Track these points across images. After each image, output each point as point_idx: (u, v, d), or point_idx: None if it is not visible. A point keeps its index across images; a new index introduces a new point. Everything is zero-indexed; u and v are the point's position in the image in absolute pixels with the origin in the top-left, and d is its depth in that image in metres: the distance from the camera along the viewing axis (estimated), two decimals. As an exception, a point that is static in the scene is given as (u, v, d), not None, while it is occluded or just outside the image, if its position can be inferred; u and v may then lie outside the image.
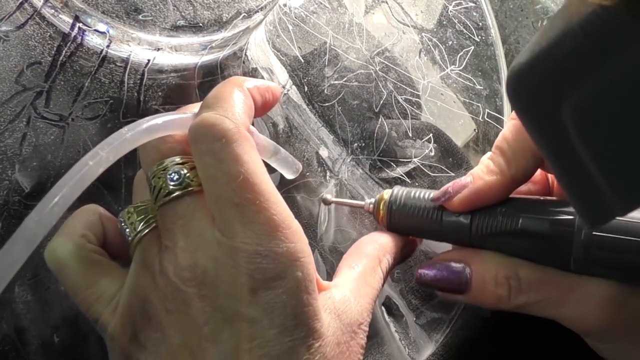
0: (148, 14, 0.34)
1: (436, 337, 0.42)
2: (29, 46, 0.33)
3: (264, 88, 0.30)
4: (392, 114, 0.43)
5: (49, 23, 0.33)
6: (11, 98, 0.32)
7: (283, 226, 0.25)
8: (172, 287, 0.25)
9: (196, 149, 0.26)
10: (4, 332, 0.31)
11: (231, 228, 0.25)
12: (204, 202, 0.26)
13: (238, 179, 0.25)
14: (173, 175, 0.26)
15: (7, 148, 0.32)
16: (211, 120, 0.25)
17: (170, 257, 0.25)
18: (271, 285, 0.24)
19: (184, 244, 0.25)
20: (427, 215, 0.33)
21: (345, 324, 0.27)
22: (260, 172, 0.25)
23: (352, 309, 0.28)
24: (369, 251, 0.32)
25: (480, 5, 0.49)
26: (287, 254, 0.25)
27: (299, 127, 0.41)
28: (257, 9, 0.37)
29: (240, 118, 0.26)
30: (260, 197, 0.25)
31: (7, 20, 0.33)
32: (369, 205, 0.35)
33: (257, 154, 0.26)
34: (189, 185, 0.26)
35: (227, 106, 0.26)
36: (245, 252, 0.24)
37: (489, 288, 0.31)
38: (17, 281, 0.32)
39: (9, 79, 0.32)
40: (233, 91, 0.28)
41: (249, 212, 0.25)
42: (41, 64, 0.33)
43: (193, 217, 0.26)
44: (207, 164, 0.25)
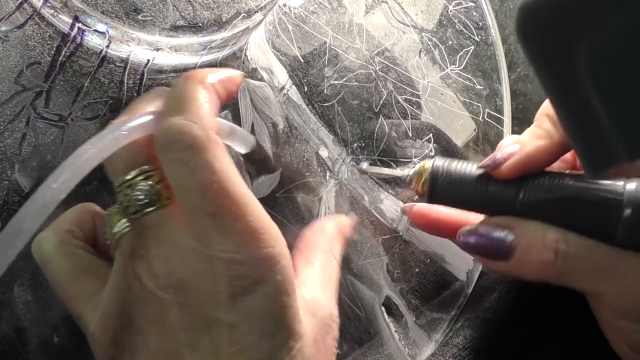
0: (147, 14, 0.34)
1: (436, 337, 0.42)
2: (29, 46, 0.33)
3: (226, 80, 0.28)
4: (392, 114, 0.43)
5: (49, 23, 0.33)
6: (11, 98, 0.32)
7: (261, 231, 0.24)
8: (148, 293, 0.25)
9: (165, 158, 0.25)
10: (3, 333, 0.31)
11: (208, 237, 0.24)
12: (176, 211, 0.25)
13: (212, 187, 0.24)
14: (140, 193, 0.25)
15: (7, 148, 0.32)
16: (178, 127, 0.24)
17: (145, 264, 0.25)
18: (251, 290, 0.24)
19: (157, 253, 0.25)
20: (471, 185, 0.32)
21: (319, 320, 0.27)
22: (234, 178, 0.25)
23: (322, 304, 0.28)
24: (321, 244, 0.31)
25: (481, 5, 0.49)
26: (266, 258, 0.24)
27: (299, 127, 0.41)
28: (257, 9, 0.37)
29: (208, 121, 0.25)
30: (236, 204, 0.24)
31: (7, 20, 0.33)
32: (409, 176, 0.34)
33: (229, 158, 0.25)
34: (159, 200, 0.25)
35: (193, 109, 0.25)
36: (224, 260, 0.24)
37: (535, 253, 0.30)
38: (17, 281, 0.32)
39: (9, 79, 0.32)
40: (197, 90, 0.26)
41: (225, 221, 0.24)
42: (41, 64, 0.33)
43: (165, 227, 0.25)
44: (178, 173, 0.24)
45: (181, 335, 0.24)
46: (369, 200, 0.42)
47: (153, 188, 0.25)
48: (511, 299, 0.44)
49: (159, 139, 0.25)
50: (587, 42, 0.20)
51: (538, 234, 0.30)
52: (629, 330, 0.31)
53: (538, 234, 0.30)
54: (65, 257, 0.27)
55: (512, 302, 0.44)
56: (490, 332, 0.42)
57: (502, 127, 0.48)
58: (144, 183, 0.25)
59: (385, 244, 0.42)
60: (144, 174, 0.26)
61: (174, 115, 0.25)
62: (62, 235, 0.27)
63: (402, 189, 0.43)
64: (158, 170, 0.26)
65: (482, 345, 0.42)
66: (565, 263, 0.30)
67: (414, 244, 0.43)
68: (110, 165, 0.27)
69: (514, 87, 0.58)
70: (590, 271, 0.30)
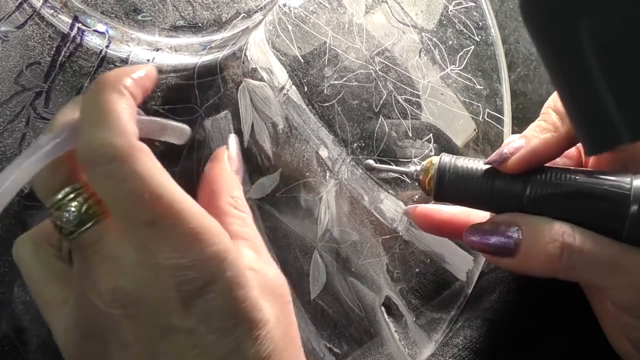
0: (147, 14, 0.34)
1: (436, 338, 0.42)
2: (28, 46, 0.33)
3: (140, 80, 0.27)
4: (392, 113, 0.43)
5: (48, 23, 0.33)
6: (10, 98, 0.32)
7: (201, 231, 0.24)
8: (98, 310, 0.24)
9: (92, 174, 0.24)
10: (3, 332, 0.31)
11: (149, 246, 0.24)
12: (111, 225, 0.25)
13: (143, 196, 0.23)
14: (70, 215, 0.25)
15: (7, 148, 0.32)
16: (98, 141, 0.23)
17: (89, 282, 0.25)
18: (202, 292, 0.24)
19: (100, 269, 0.24)
20: (478, 181, 0.32)
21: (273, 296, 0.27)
22: (165, 182, 0.24)
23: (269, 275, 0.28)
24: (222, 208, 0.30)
25: (481, 5, 0.49)
26: (212, 257, 0.24)
27: (299, 127, 0.41)
28: (257, 9, 0.37)
29: (128, 128, 0.24)
30: (171, 209, 0.24)
31: (7, 21, 0.33)
32: (415, 172, 0.34)
33: (157, 164, 0.25)
34: (92, 217, 0.25)
35: (110, 119, 0.24)
36: (168, 268, 0.24)
37: (541, 248, 0.30)
38: (17, 281, 0.32)
39: (8, 79, 0.32)
40: (112, 99, 0.25)
41: (163, 227, 0.24)
42: (40, 64, 0.33)
43: (104, 242, 0.25)
44: (107, 187, 0.24)
45: (139, 347, 0.24)
46: (369, 200, 0.42)
47: (83, 206, 0.25)
48: (511, 299, 0.44)
49: (81, 156, 0.24)
50: (590, 18, 0.20)
51: (544, 229, 0.30)
52: (633, 327, 0.31)
53: (544, 229, 0.30)
54: (40, 262, 0.27)
55: (512, 302, 0.44)
56: (490, 332, 0.42)
57: (502, 127, 0.48)
58: (73, 203, 0.25)
59: (385, 244, 0.42)
60: (74, 192, 0.25)
61: (92, 128, 0.24)
62: (39, 241, 0.27)
63: (402, 189, 0.43)
64: (87, 186, 0.25)
65: (482, 345, 0.42)
66: (571, 257, 0.30)
67: (414, 244, 0.43)
68: (36, 188, 0.26)
69: (514, 87, 0.58)
70: (596, 266, 0.30)
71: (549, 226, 0.30)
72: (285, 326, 0.27)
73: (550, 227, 0.30)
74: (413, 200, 0.43)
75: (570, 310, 0.42)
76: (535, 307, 0.42)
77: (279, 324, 0.26)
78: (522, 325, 0.42)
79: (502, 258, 0.32)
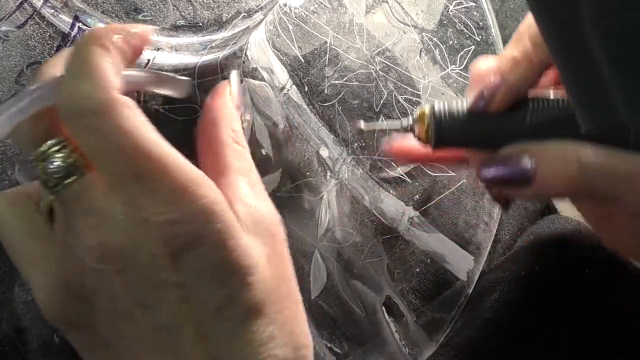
0: (148, 14, 0.34)
1: (437, 337, 0.42)
2: (29, 46, 0.33)
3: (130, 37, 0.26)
4: (392, 113, 0.43)
5: (49, 23, 0.33)
6: (11, 98, 0.32)
7: (189, 184, 0.24)
8: (83, 264, 0.24)
9: (73, 128, 0.24)
10: (4, 332, 0.31)
11: (135, 201, 0.23)
12: (97, 178, 0.24)
13: (128, 149, 0.23)
14: (55, 167, 0.24)
15: (7, 148, 0.32)
16: (80, 94, 0.23)
17: (74, 237, 0.24)
18: (192, 246, 0.24)
19: (86, 224, 0.24)
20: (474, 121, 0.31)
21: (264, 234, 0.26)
22: (150, 136, 0.24)
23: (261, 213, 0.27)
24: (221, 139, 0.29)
25: (481, 5, 0.49)
26: (201, 211, 0.24)
27: (299, 127, 0.41)
28: (257, 9, 0.37)
29: (110, 82, 0.23)
30: (157, 162, 0.23)
31: (7, 20, 0.33)
32: (409, 124, 0.33)
33: (141, 117, 0.24)
34: (77, 170, 0.24)
35: (92, 72, 0.23)
36: (158, 223, 0.23)
37: (558, 172, 0.29)
38: (17, 281, 0.32)
39: (9, 79, 0.32)
40: (94, 52, 0.24)
41: (150, 182, 0.23)
42: (41, 64, 0.33)
43: (88, 196, 0.24)
44: (90, 141, 0.23)
45: (129, 300, 0.24)
46: (369, 200, 0.42)
47: (68, 158, 0.24)
48: (511, 298, 0.44)
49: (61, 109, 0.24)
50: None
51: (557, 152, 0.30)
52: None
53: (557, 152, 0.30)
54: (19, 218, 0.26)
55: (513, 302, 0.44)
56: (491, 332, 0.42)
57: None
58: (58, 154, 0.24)
59: (385, 244, 0.42)
60: (59, 144, 0.24)
61: (73, 81, 0.24)
62: (18, 197, 0.27)
63: (403, 188, 0.43)
64: (71, 139, 0.25)
65: (482, 345, 0.42)
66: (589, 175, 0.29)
67: (415, 243, 0.43)
68: (19, 140, 0.26)
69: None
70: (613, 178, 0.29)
71: (562, 148, 0.30)
72: (277, 264, 0.26)
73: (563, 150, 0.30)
74: (414, 200, 0.43)
75: (570, 310, 0.42)
76: (536, 307, 0.42)
77: (269, 264, 0.26)
78: (523, 325, 0.42)
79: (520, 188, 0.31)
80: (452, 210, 0.44)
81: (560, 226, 0.49)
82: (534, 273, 0.45)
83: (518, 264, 0.47)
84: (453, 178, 0.44)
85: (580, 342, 0.40)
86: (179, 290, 0.24)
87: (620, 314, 0.41)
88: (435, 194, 0.44)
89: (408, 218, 0.43)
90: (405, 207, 0.43)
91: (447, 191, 0.44)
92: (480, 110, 0.31)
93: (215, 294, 0.24)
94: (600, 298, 0.42)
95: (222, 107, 0.30)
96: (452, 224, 0.44)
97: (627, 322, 0.41)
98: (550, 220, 0.52)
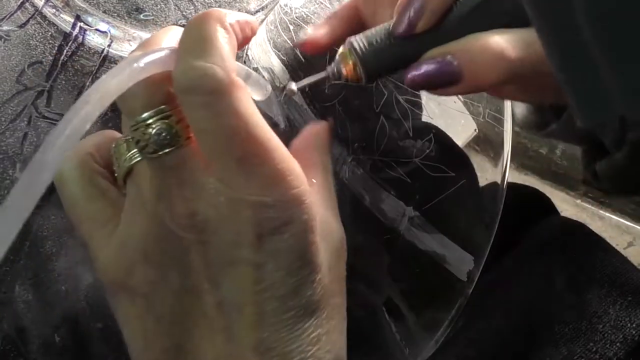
0: (149, 14, 0.34)
1: (437, 338, 0.42)
2: (30, 45, 0.33)
3: (244, 23, 0.27)
4: (392, 114, 0.43)
5: (50, 22, 0.33)
6: (12, 97, 0.32)
7: (287, 173, 0.24)
8: (169, 232, 0.24)
9: (186, 101, 0.24)
10: (4, 332, 0.31)
11: (234, 180, 0.24)
12: (196, 152, 0.25)
13: (238, 133, 0.23)
14: (156, 134, 0.24)
15: (9, 147, 0.32)
16: (201, 70, 0.23)
17: (165, 204, 0.24)
18: (279, 231, 0.24)
19: (179, 193, 0.24)
20: (396, 45, 0.31)
21: (332, 246, 0.27)
22: (259, 122, 0.24)
23: (333, 228, 0.28)
24: (316, 159, 0.30)
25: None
26: (293, 199, 0.24)
27: (300, 127, 0.41)
28: (258, 9, 0.37)
29: (230, 64, 0.24)
30: (262, 148, 0.24)
31: (9, 20, 0.33)
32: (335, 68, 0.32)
33: (252, 102, 0.25)
34: (178, 140, 0.24)
35: (214, 51, 0.24)
36: (251, 204, 0.24)
37: (484, 57, 0.29)
38: (18, 280, 0.32)
39: (10, 79, 0.32)
40: (217, 30, 0.25)
41: (252, 165, 0.24)
42: (42, 64, 0.33)
43: (186, 167, 0.24)
44: (202, 117, 0.24)
45: (203, 272, 0.24)
46: (369, 200, 0.42)
47: (172, 128, 0.24)
48: (511, 299, 0.44)
49: (179, 81, 0.24)
50: None
51: (476, 42, 0.30)
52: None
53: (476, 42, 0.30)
54: (82, 180, 0.27)
55: (512, 303, 0.44)
56: (491, 333, 0.42)
57: (502, 127, 0.48)
58: (161, 122, 0.24)
59: (386, 244, 0.42)
60: (162, 113, 0.25)
61: (194, 56, 0.24)
62: (82, 158, 0.27)
63: (403, 188, 0.43)
64: (176, 110, 0.25)
65: (482, 346, 0.42)
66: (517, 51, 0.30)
67: (415, 244, 0.43)
68: (125, 103, 0.26)
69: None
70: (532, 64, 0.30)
71: (480, 38, 0.30)
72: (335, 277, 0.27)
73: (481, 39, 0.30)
74: (414, 200, 0.43)
75: (570, 311, 0.42)
76: (535, 308, 0.43)
77: (329, 273, 0.26)
78: (522, 325, 0.42)
79: (450, 87, 0.31)
80: (452, 210, 0.44)
81: (560, 226, 0.49)
82: (535, 273, 0.45)
83: (518, 264, 0.48)
84: (453, 178, 0.44)
85: (580, 343, 0.40)
86: (254, 270, 0.24)
87: (622, 312, 0.41)
88: (435, 194, 0.44)
89: (408, 218, 0.43)
90: (405, 207, 0.43)
91: (448, 191, 0.44)
92: (405, 34, 0.31)
93: (284, 282, 0.24)
94: (601, 297, 0.42)
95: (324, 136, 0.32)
96: (453, 225, 0.44)
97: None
98: (550, 221, 0.52)
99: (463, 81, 0.30)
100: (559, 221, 0.52)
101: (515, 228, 0.52)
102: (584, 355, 0.39)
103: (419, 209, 0.43)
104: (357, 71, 0.32)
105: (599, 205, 1.40)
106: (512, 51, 0.29)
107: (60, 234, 0.32)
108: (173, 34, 0.27)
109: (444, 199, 0.44)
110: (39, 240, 0.33)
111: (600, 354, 0.40)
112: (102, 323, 0.33)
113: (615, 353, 0.40)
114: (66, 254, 0.33)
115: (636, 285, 0.43)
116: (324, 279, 0.26)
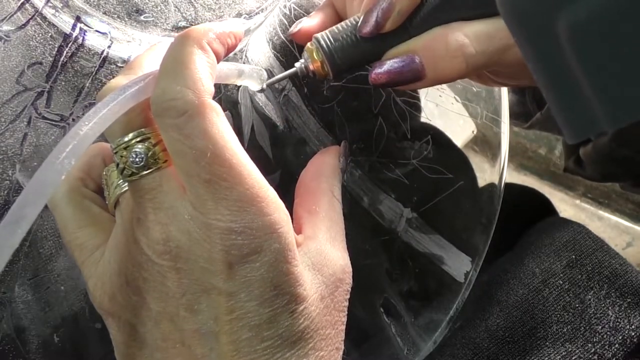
0: (149, 15, 0.34)
1: (435, 338, 0.42)
2: (30, 46, 0.33)
3: (224, 35, 0.27)
4: (391, 115, 0.43)
5: (50, 23, 0.33)
6: (12, 98, 0.32)
7: (258, 199, 0.24)
8: (146, 258, 0.25)
9: (161, 124, 0.25)
10: (4, 332, 0.31)
11: (204, 204, 0.24)
12: (173, 175, 0.25)
13: (206, 154, 0.24)
14: (136, 156, 0.25)
15: (8, 148, 0.32)
16: (172, 94, 0.24)
17: (142, 229, 0.25)
18: (248, 260, 0.24)
19: (155, 218, 0.25)
20: (363, 42, 0.32)
21: (327, 276, 0.27)
22: (230, 144, 0.24)
23: (331, 258, 0.28)
24: (321, 187, 0.31)
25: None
26: (263, 227, 0.24)
27: (299, 128, 0.41)
28: (258, 11, 0.37)
29: (204, 86, 0.24)
30: (231, 171, 0.24)
31: (8, 21, 0.33)
32: (303, 65, 0.33)
33: (225, 124, 0.25)
34: (155, 163, 0.25)
35: (187, 73, 0.24)
36: (219, 229, 0.24)
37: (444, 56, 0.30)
38: (18, 281, 0.32)
39: (10, 79, 0.32)
40: (193, 53, 0.25)
41: (220, 189, 0.24)
42: (42, 64, 0.33)
43: (162, 191, 0.25)
44: (173, 139, 0.24)
45: (180, 300, 0.24)
46: (368, 201, 0.42)
47: (149, 150, 0.25)
48: (509, 300, 0.44)
49: (154, 104, 0.25)
50: (567, 12, 0.20)
51: (438, 41, 0.30)
52: None
53: (438, 41, 0.30)
54: (73, 206, 0.27)
55: (510, 304, 0.44)
56: (489, 334, 0.42)
57: (499, 128, 0.48)
58: (140, 145, 0.25)
59: (384, 245, 0.42)
60: (141, 136, 0.25)
61: (168, 80, 0.24)
62: (72, 183, 0.28)
63: (403, 189, 0.43)
64: (155, 133, 0.25)
65: (481, 346, 0.42)
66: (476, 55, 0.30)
67: (413, 245, 0.43)
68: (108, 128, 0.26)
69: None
70: (502, 47, 0.30)
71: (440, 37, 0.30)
72: (330, 308, 0.27)
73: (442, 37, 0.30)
74: (412, 201, 0.43)
75: (568, 311, 0.42)
76: (534, 308, 0.43)
77: (320, 302, 0.26)
78: (520, 326, 0.42)
79: (415, 83, 0.32)
80: (450, 211, 0.44)
81: (559, 227, 0.49)
82: (533, 273, 0.45)
83: (516, 265, 0.48)
84: (451, 180, 0.44)
85: (580, 343, 0.40)
86: (226, 299, 0.24)
87: (621, 314, 0.41)
88: (433, 195, 0.44)
89: (406, 219, 0.43)
90: (403, 209, 0.43)
91: (445, 193, 0.44)
92: (371, 35, 0.31)
93: (257, 312, 0.24)
94: (600, 298, 0.42)
95: (331, 163, 0.32)
96: (450, 226, 0.44)
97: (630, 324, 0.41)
98: (549, 221, 0.52)
99: (426, 77, 0.31)
100: (558, 221, 0.52)
101: (514, 228, 0.52)
102: (582, 356, 0.40)
103: (416, 211, 0.43)
104: (324, 68, 0.32)
105: (598, 206, 1.40)
106: (473, 45, 0.30)
107: (60, 234, 0.32)
108: (156, 54, 0.28)
109: (442, 201, 0.44)
110: (39, 241, 0.33)
111: (598, 354, 0.40)
112: (101, 323, 0.33)
113: (614, 354, 0.40)
114: (66, 254, 0.33)
115: (635, 287, 0.43)
116: (309, 310, 0.25)
